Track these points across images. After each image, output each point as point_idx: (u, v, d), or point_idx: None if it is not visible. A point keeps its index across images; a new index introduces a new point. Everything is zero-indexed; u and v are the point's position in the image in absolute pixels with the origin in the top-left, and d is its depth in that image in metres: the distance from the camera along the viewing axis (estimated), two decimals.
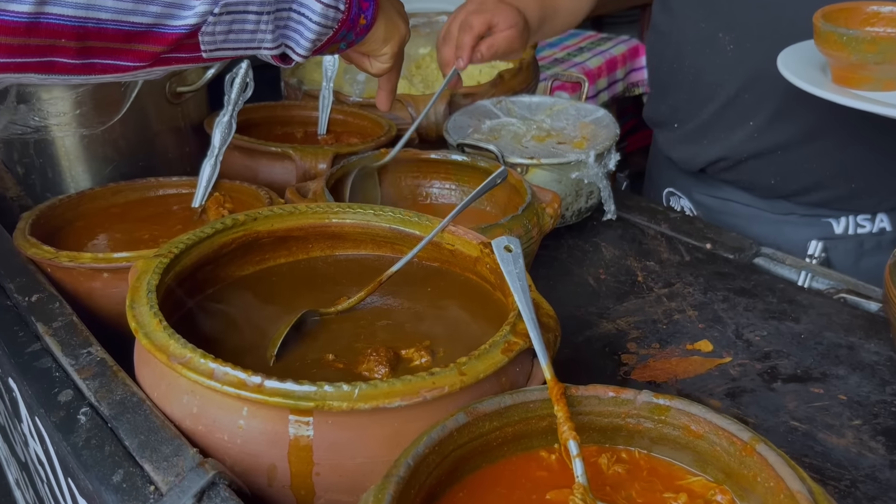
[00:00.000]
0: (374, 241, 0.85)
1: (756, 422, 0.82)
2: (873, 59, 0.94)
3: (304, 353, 0.70)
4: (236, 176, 1.06)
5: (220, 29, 0.63)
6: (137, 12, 0.57)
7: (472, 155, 1.10)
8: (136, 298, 0.64)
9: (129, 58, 0.59)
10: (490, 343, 0.61)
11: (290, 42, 0.71)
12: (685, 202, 1.33)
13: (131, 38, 0.58)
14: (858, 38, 0.93)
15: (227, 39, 0.65)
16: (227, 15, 0.63)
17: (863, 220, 1.18)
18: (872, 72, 0.95)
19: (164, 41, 0.60)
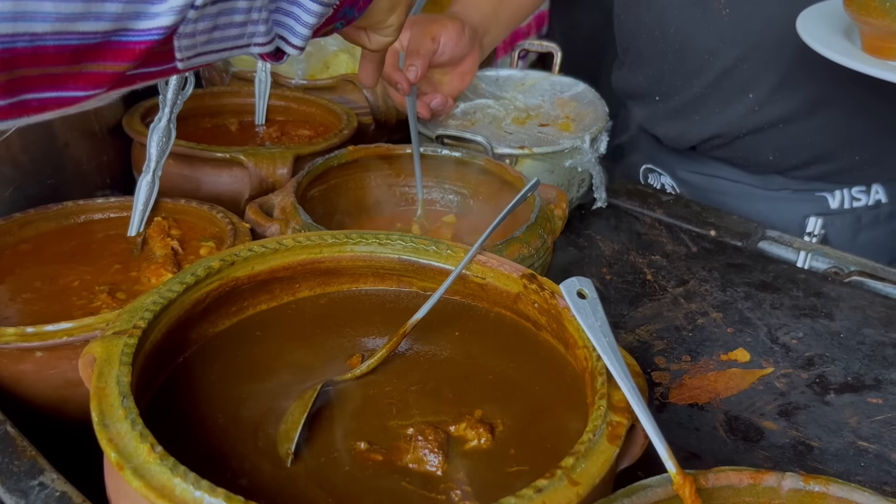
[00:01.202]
0: (378, 274, 0.69)
1: (821, 445, 0.73)
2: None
3: (326, 442, 0.55)
4: (173, 189, 0.87)
5: (202, 26, 0.45)
6: (89, 16, 0.39)
7: (452, 146, 0.94)
8: (107, 410, 0.47)
9: (78, 85, 0.41)
10: (592, 429, 0.48)
11: (285, 31, 0.54)
12: (666, 179, 1.23)
13: (81, 57, 0.40)
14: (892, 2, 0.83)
15: (210, 39, 0.47)
16: (212, 5, 0.45)
17: (858, 193, 1.12)
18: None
19: (127, 55, 0.41)
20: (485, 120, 1.04)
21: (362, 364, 0.61)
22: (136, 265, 0.74)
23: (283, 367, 0.62)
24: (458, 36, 0.92)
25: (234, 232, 0.75)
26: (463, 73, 0.96)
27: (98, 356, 0.51)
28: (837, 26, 0.90)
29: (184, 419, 0.56)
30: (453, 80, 0.96)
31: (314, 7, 0.53)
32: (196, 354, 0.62)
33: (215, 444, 0.54)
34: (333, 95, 1.09)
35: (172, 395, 0.58)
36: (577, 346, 0.57)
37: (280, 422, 0.56)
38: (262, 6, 0.50)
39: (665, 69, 1.12)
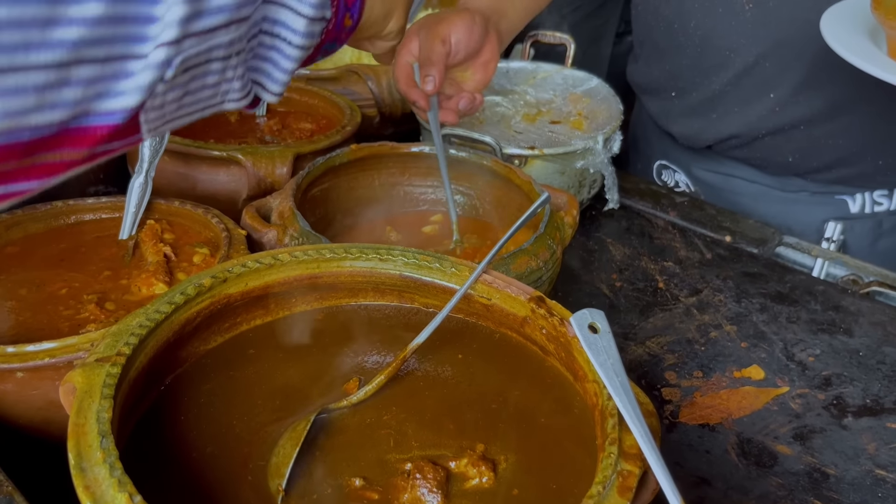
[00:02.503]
0: (378, 289, 0.66)
1: (837, 472, 0.70)
2: None
3: (319, 477, 0.52)
4: (167, 188, 0.84)
5: (172, 96, 0.41)
6: (44, 107, 0.34)
7: (459, 146, 0.91)
8: (85, 451, 0.44)
9: (31, 178, 0.36)
10: (601, 480, 0.45)
11: (262, 78, 0.50)
12: (681, 177, 1.19)
13: (34, 150, 0.35)
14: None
15: (180, 106, 0.43)
16: (184, 74, 0.41)
17: (880, 197, 1.07)
18: None
19: (87, 141, 0.37)
20: (493, 118, 1.00)
21: (359, 391, 0.57)
22: (126, 272, 0.71)
23: (277, 391, 0.59)
24: (468, 29, 0.87)
25: (228, 239, 0.71)
26: (485, 63, 0.90)
27: (79, 387, 0.48)
28: (863, 27, 0.86)
29: (170, 448, 0.53)
30: (476, 74, 0.90)
31: (295, 52, 0.49)
32: (185, 374, 0.59)
33: (203, 477, 0.51)
34: (337, 87, 1.06)
35: (159, 420, 0.55)
36: (586, 380, 0.53)
37: (271, 453, 0.53)
38: (239, 62, 0.45)
39: (683, 64, 1.08)
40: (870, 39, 0.86)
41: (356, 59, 1.14)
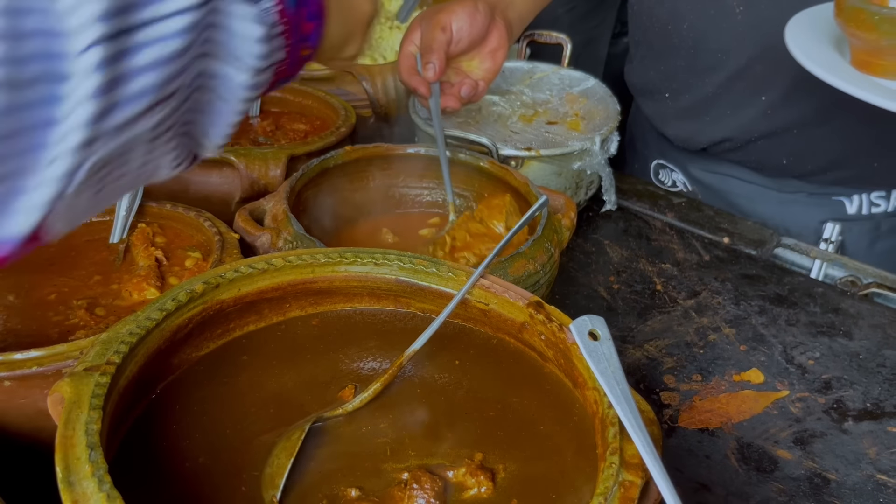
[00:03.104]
0: (374, 294, 0.65)
1: (838, 478, 0.70)
2: None
3: (314, 487, 0.51)
4: (159, 191, 0.82)
5: (85, 196, 0.35)
6: None
7: (454, 147, 0.90)
8: (73, 464, 0.42)
9: None
10: (603, 492, 0.44)
11: (202, 138, 0.43)
12: (679, 176, 1.18)
13: None
14: (886, 18, 0.77)
15: (97, 202, 0.37)
16: (98, 172, 0.35)
17: (877, 199, 1.07)
18: None
19: None
20: (490, 118, 0.99)
21: (355, 398, 0.56)
22: (117, 277, 0.70)
23: (271, 398, 0.58)
24: (470, 17, 0.85)
25: (221, 242, 0.70)
26: (493, 52, 0.88)
27: (67, 397, 0.47)
28: (828, 35, 0.85)
29: (161, 458, 0.52)
30: (484, 62, 0.89)
31: (238, 107, 0.43)
32: (177, 382, 0.58)
33: (195, 488, 0.50)
34: (331, 87, 1.04)
35: (150, 429, 0.54)
36: (586, 387, 0.53)
37: (265, 463, 0.52)
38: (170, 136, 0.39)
39: (677, 66, 1.07)
40: (835, 48, 0.85)
41: None
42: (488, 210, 0.79)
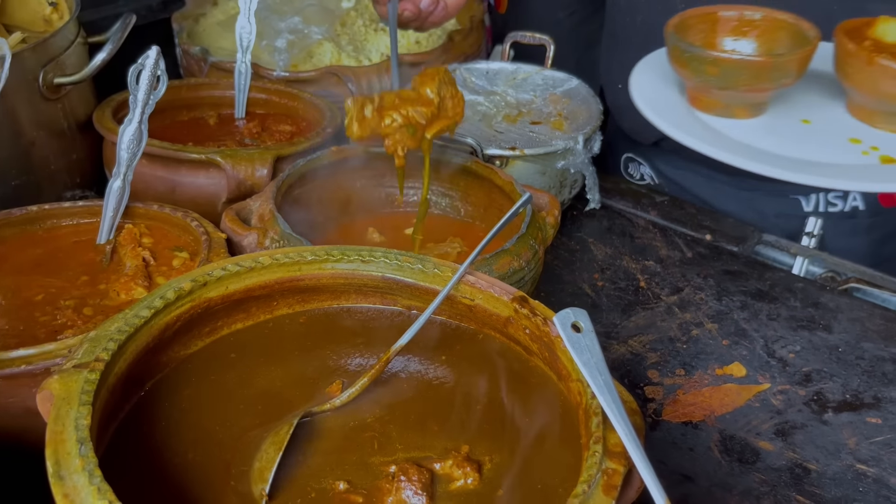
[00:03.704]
0: (360, 291, 0.65)
1: (818, 467, 0.71)
2: (716, 82, 0.81)
3: (303, 481, 0.52)
4: (147, 192, 0.83)
5: None
6: None
7: (440, 147, 0.90)
8: (63, 459, 0.43)
9: None
10: (586, 479, 0.45)
11: None
12: (646, 170, 1.20)
13: None
14: (700, 58, 0.79)
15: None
16: None
17: (834, 199, 1.08)
18: (719, 97, 0.83)
19: None
20: (475, 118, 1.00)
21: (342, 393, 0.57)
22: (104, 277, 0.70)
23: (259, 394, 0.58)
24: None
25: (208, 242, 0.71)
26: None
27: (56, 394, 0.47)
28: (673, 77, 0.87)
29: (152, 454, 0.52)
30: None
31: None
32: (165, 379, 0.58)
33: (184, 483, 0.51)
34: (317, 88, 1.05)
35: (139, 426, 0.54)
36: (570, 379, 0.53)
37: (254, 458, 0.52)
38: None
39: (630, 58, 1.08)
40: (677, 86, 0.87)
41: (336, 60, 1.14)
42: (421, 78, 0.79)
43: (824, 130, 0.84)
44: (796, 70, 0.80)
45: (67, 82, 0.83)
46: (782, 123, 0.85)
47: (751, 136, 0.82)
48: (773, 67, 0.79)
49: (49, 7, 0.91)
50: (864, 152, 0.80)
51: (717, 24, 0.87)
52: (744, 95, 0.81)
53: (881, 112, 0.81)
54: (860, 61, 0.78)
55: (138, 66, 0.72)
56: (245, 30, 1.01)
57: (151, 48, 0.71)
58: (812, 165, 0.77)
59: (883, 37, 0.81)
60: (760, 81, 0.79)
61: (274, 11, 1.15)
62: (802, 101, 0.89)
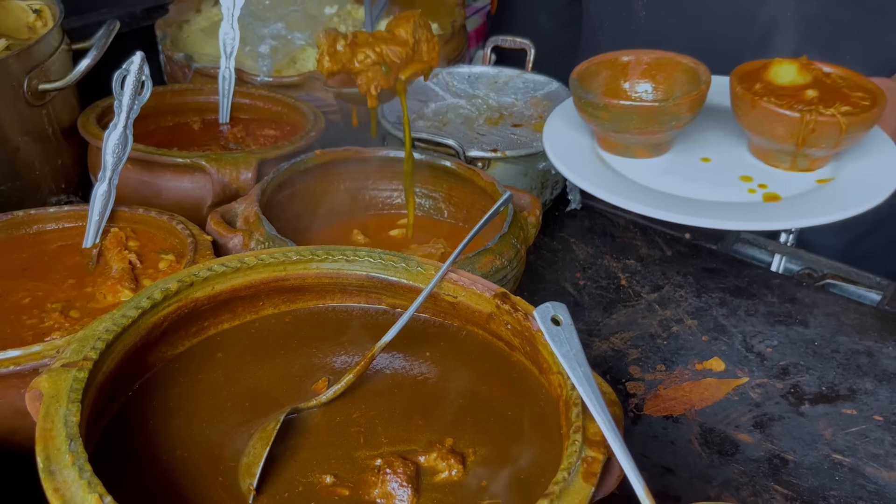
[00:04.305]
0: (345, 290, 0.67)
1: (795, 458, 0.73)
2: (611, 126, 0.83)
3: (290, 475, 0.53)
4: (132, 196, 0.84)
5: None
6: None
7: (422, 149, 0.92)
8: (54, 455, 0.44)
9: None
10: (567, 467, 0.46)
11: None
12: None
13: None
14: (595, 104, 0.82)
15: None
16: None
17: None
18: (617, 139, 0.85)
19: None
20: (457, 120, 1.01)
21: (328, 390, 0.58)
22: (91, 280, 0.71)
23: (246, 392, 0.59)
24: None
25: (194, 244, 0.71)
26: None
27: (45, 392, 0.48)
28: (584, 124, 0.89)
29: (140, 452, 0.53)
30: None
31: None
32: (153, 379, 0.59)
33: (173, 479, 0.52)
34: (300, 93, 1.06)
35: (128, 425, 0.55)
36: (551, 372, 0.55)
37: (242, 454, 0.53)
38: None
39: None
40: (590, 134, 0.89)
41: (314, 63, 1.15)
42: (396, 20, 0.79)
43: (720, 168, 0.86)
44: (686, 113, 0.82)
45: (52, 88, 0.84)
46: (683, 162, 0.87)
47: (647, 175, 0.85)
48: (659, 112, 0.81)
49: (33, 14, 0.92)
50: (752, 190, 0.82)
51: (626, 68, 0.89)
52: (638, 138, 0.84)
53: (772, 151, 0.84)
54: (746, 104, 0.81)
55: (123, 71, 0.73)
56: (228, 36, 1.02)
57: (136, 54, 0.72)
58: (691, 204, 0.79)
59: (775, 79, 0.84)
60: (650, 125, 0.82)
61: (257, 18, 1.16)
62: (708, 140, 0.91)
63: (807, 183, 0.83)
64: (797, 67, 0.85)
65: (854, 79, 0.85)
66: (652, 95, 0.88)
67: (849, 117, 0.77)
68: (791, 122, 0.79)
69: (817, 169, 0.84)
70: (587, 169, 0.83)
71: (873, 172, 0.82)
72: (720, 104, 0.89)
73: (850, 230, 1.13)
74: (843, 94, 0.82)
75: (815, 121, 0.78)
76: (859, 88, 0.83)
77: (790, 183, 0.83)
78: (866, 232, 1.14)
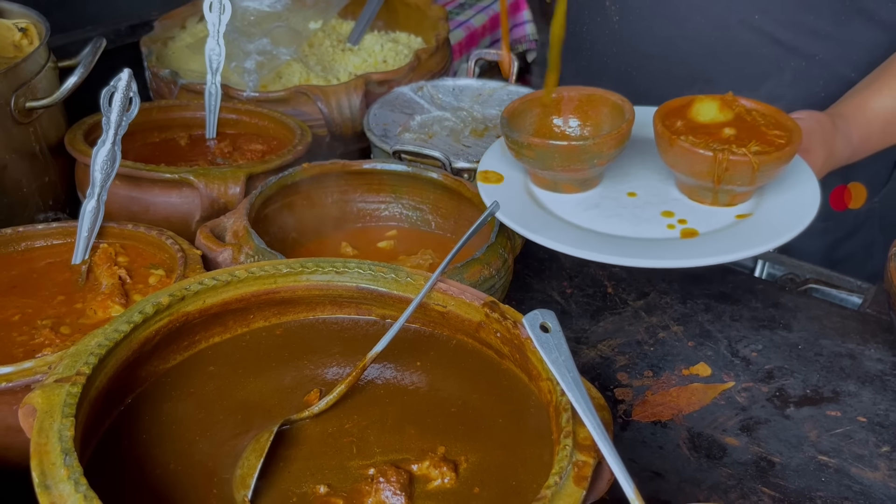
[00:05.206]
0: (335, 302, 0.67)
1: (782, 460, 0.74)
2: (536, 164, 0.84)
3: (284, 486, 0.53)
4: (120, 212, 0.84)
5: None
6: None
7: (409, 162, 0.93)
8: (49, 469, 0.44)
9: None
10: (558, 471, 0.47)
11: None
12: None
13: None
14: (519, 143, 0.83)
15: None
16: None
17: None
18: (545, 175, 0.86)
19: None
20: (442, 133, 1.02)
21: (320, 401, 0.59)
22: (80, 296, 0.71)
23: (238, 405, 0.60)
24: None
25: (183, 259, 0.72)
26: None
27: (39, 408, 0.48)
28: None
29: (134, 465, 0.53)
30: None
31: None
32: (146, 393, 0.59)
33: (168, 492, 0.52)
34: (287, 107, 1.07)
35: (122, 439, 0.55)
36: (540, 378, 0.56)
37: (236, 466, 0.54)
38: None
39: (575, 67, 1.12)
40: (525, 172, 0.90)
41: (305, 80, 1.16)
42: None
43: (644, 203, 0.87)
44: (607, 151, 0.83)
45: (39, 106, 0.84)
46: (609, 196, 0.88)
47: (571, 210, 0.85)
48: (580, 151, 0.82)
49: (19, 33, 0.93)
50: (671, 226, 0.83)
51: (558, 105, 0.89)
52: (563, 175, 0.85)
53: (694, 187, 0.85)
54: (665, 142, 0.83)
55: (111, 88, 0.73)
56: (214, 52, 1.03)
57: (124, 70, 0.73)
58: (611, 242, 0.80)
59: (696, 116, 0.86)
60: (572, 163, 0.83)
61: (242, 34, 1.16)
62: (638, 174, 0.91)
63: (727, 218, 0.84)
64: (718, 105, 0.86)
65: (775, 116, 0.86)
66: (580, 132, 0.89)
67: (760, 156, 0.79)
68: (705, 160, 0.80)
69: (739, 203, 0.85)
70: (514, 206, 0.83)
71: (791, 207, 0.83)
72: (651, 137, 0.88)
73: (831, 234, 1.15)
74: (761, 133, 0.84)
75: (727, 160, 0.79)
76: (777, 126, 0.84)
77: (711, 218, 0.84)
78: (846, 236, 1.16)
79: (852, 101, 0.98)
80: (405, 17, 1.36)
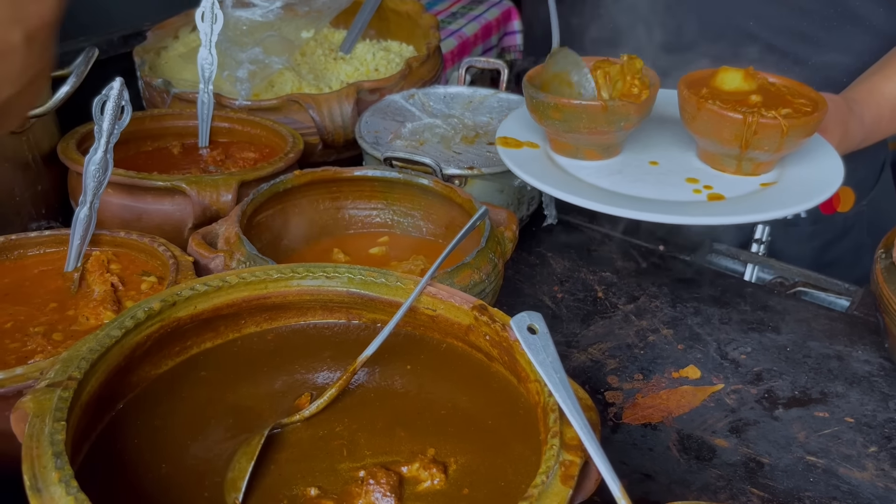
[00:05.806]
0: (326, 307, 0.68)
1: (771, 461, 0.74)
2: (562, 127, 0.85)
3: (275, 489, 0.53)
4: (113, 220, 0.84)
5: None
6: None
7: (401, 168, 0.93)
8: (40, 472, 0.44)
9: None
10: (545, 471, 0.47)
11: None
12: None
13: None
14: (545, 104, 0.84)
15: None
16: None
17: None
18: (567, 139, 0.88)
19: None
20: (433, 140, 1.03)
21: (311, 405, 0.59)
22: (73, 303, 0.72)
23: (230, 409, 0.60)
24: None
25: (175, 266, 0.72)
26: None
27: (30, 411, 0.49)
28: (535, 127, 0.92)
29: (126, 470, 0.54)
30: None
31: None
32: (138, 398, 0.60)
33: (159, 495, 0.52)
34: (279, 116, 1.08)
35: (113, 443, 0.55)
36: (528, 380, 0.56)
37: (227, 469, 0.54)
38: None
39: None
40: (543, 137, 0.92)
41: (297, 88, 1.17)
42: None
43: (667, 171, 0.89)
44: (635, 115, 0.84)
45: (31, 115, 0.84)
46: (631, 164, 0.90)
47: (595, 175, 0.87)
48: (609, 111, 0.83)
49: None
50: (697, 191, 0.85)
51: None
52: (588, 138, 0.86)
53: (717, 154, 0.87)
54: (692, 107, 0.84)
55: (103, 96, 0.74)
56: (207, 61, 1.04)
57: (115, 79, 0.73)
58: (636, 201, 0.81)
59: (721, 85, 0.88)
60: (599, 125, 0.84)
61: (234, 43, 1.17)
62: (658, 145, 0.94)
63: (751, 186, 0.86)
64: (743, 75, 0.88)
65: (797, 88, 0.88)
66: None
67: (790, 120, 0.80)
68: (734, 123, 0.81)
69: (762, 173, 0.86)
70: (535, 166, 0.84)
71: (815, 176, 0.85)
72: (672, 114, 0.91)
73: (819, 238, 1.16)
74: (786, 100, 0.85)
75: (757, 122, 0.80)
76: (802, 96, 0.86)
77: (735, 185, 0.86)
78: (834, 239, 1.17)
79: (863, 86, 1.00)
80: (397, 25, 1.37)
